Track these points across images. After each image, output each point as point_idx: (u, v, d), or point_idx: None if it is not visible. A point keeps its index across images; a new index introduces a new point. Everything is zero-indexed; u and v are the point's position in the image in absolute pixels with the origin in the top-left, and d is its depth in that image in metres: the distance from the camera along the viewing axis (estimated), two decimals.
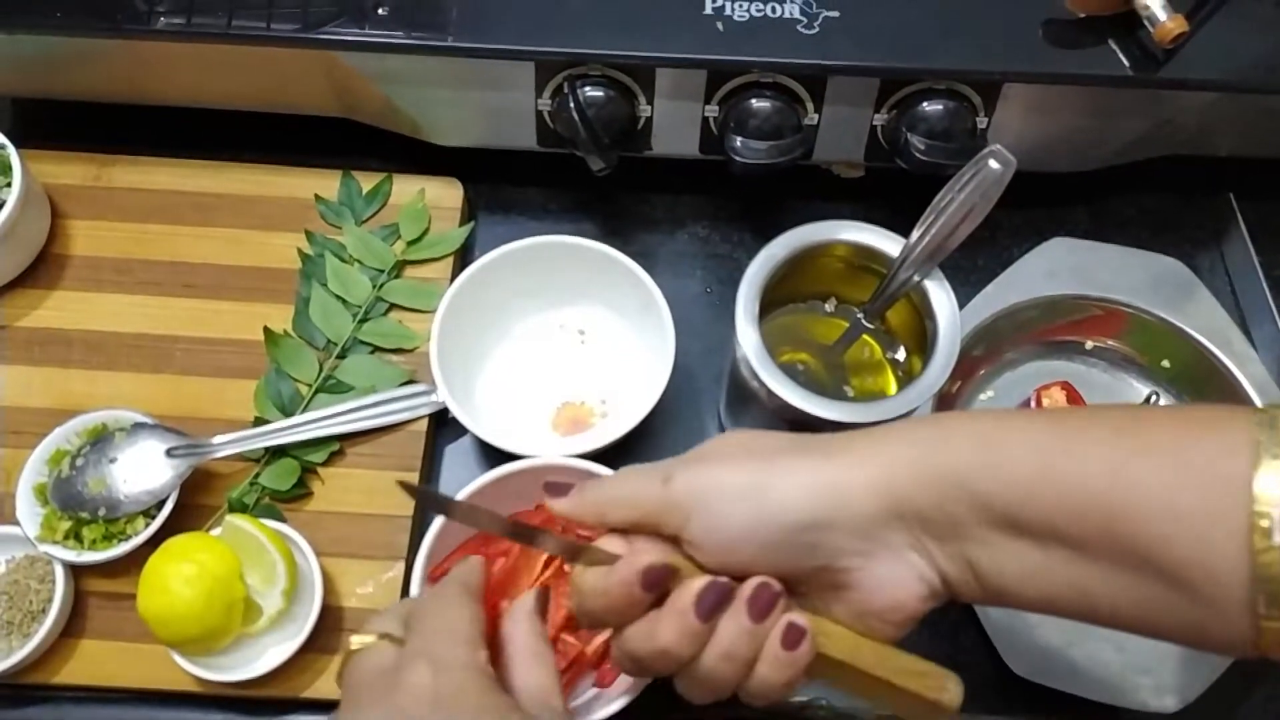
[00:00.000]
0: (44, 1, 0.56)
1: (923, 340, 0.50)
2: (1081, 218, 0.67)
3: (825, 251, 0.51)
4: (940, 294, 0.49)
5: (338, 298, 0.60)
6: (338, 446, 0.57)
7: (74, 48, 0.59)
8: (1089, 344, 0.61)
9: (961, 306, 0.56)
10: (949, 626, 0.55)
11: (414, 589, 0.50)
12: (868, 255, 0.50)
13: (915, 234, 0.49)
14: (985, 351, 0.59)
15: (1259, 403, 0.56)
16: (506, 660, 0.40)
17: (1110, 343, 0.61)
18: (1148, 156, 0.63)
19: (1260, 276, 0.63)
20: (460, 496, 0.51)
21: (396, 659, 0.37)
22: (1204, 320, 0.59)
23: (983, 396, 0.60)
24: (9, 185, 0.58)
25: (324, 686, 0.52)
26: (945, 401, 0.57)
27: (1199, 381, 0.58)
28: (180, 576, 0.48)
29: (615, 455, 0.55)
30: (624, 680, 0.50)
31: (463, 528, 0.53)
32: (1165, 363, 0.60)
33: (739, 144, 0.57)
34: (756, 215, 0.67)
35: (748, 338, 0.49)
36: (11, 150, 0.59)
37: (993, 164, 0.46)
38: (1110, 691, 0.50)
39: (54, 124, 0.66)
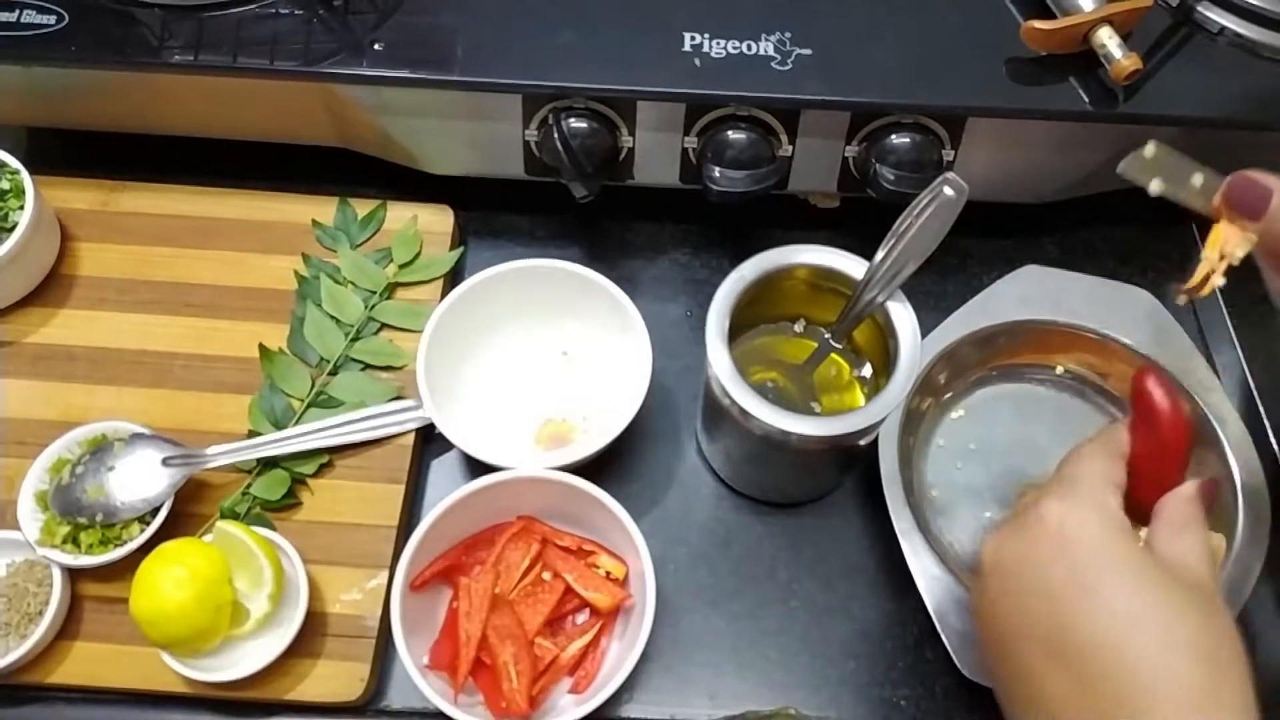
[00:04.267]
0: (60, 36, 0.59)
1: (888, 358, 0.52)
2: (1050, 247, 0.69)
3: (791, 274, 0.53)
4: (902, 313, 0.51)
5: (331, 317, 0.63)
6: (327, 459, 0.59)
7: (87, 80, 0.62)
8: (1059, 369, 0.63)
9: (931, 330, 0.59)
10: (900, 627, 0.57)
11: (395, 597, 0.52)
12: (832, 277, 0.53)
13: (878, 256, 0.51)
14: (952, 373, 0.61)
15: (1219, 431, 0.57)
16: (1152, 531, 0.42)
17: (1078, 369, 0.63)
18: (1113, 188, 0.66)
19: (1222, 305, 0.65)
20: (441, 508, 0.53)
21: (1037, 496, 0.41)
22: (1170, 349, 0.60)
23: (953, 415, 0.61)
24: (22, 209, 0.61)
25: (308, 689, 0.54)
26: (914, 419, 0.59)
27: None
28: (171, 579, 0.50)
29: (594, 470, 0.57)
30: (598, 684, 0.52)
31: (444, 538, 0.55)
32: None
33: (717, 174, 0.60)
34: (736, 243, 0.69)
35: (719, 356, 0.51)
36: (25, 175, 0.62)
37: (948, 190, 0.49)
38: None
39: (65, 151, 0.69)
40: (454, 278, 0.66)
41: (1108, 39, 0.56)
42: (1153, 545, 0.42)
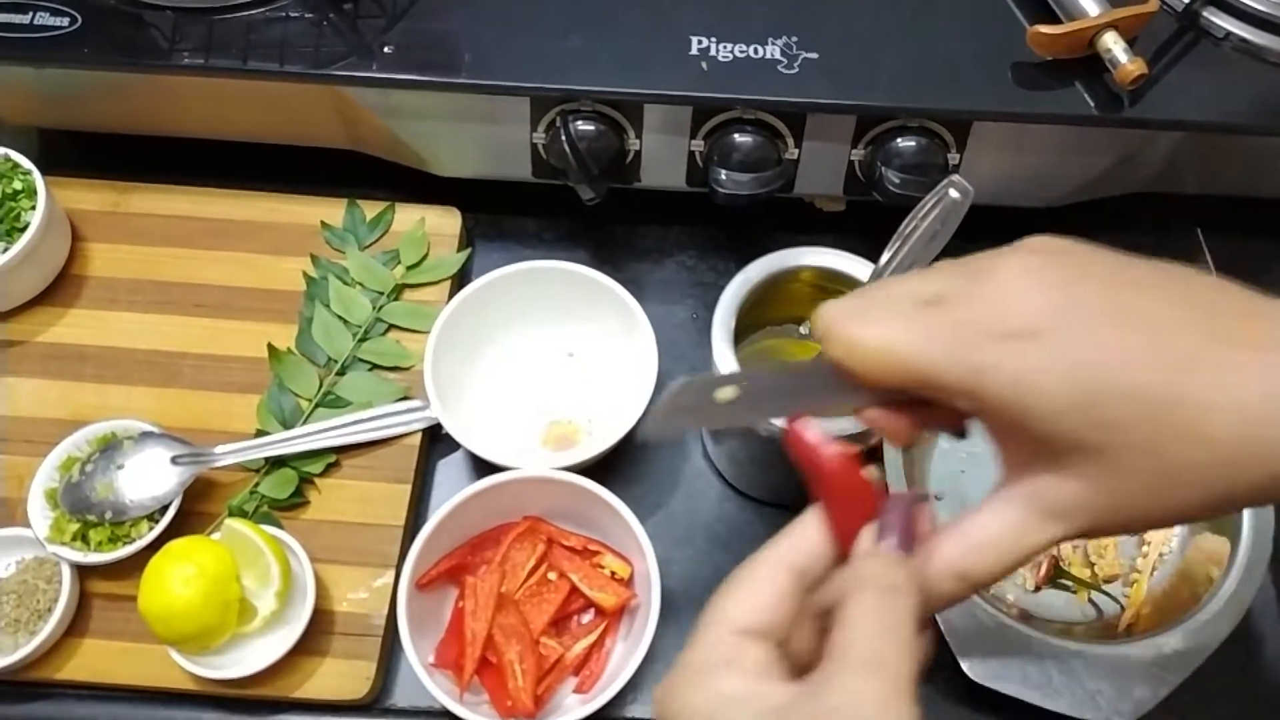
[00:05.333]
0: (72, 38, 0.60)
1: None
2: None
3: (796, 276, 0.53)
4: None
5: (339, 318, 0.63)
6: (334, 458, 0.59)
7: (99, 81, 0.63)
8: None
9: None
10: None
11: (401, 596, 0.52)
12: (836, 279, 0.53)
13: (883, 259, 0.51)
14: None
15: None
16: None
17: None
18: (1117, 193, 0.66)
19: None
20: (448, 507, 0.54)
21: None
22: None
23: None
24: (34, 209, 0.61)
25: (315, 687, 0.54)
26: None
27: None
28: (179, 576, 0.51)
29: (600, 471, 0.57)
30: (603, 684, 0.52)
31: (450, 537, 0.55)
32: None
33: (723, 176, 0.60)
34: (742, 245, 0.69)
35: (724, 358, 0.51)
36: (37, 176, 0.62)
37: (952, 193, 0.49)
38: (1067, 700, 0.51)
39: (77, 153, 0.69)
40: (461, 279, 0.66)
41: (1113, 44, 0.57)
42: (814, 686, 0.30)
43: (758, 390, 0.34)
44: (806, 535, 0.33)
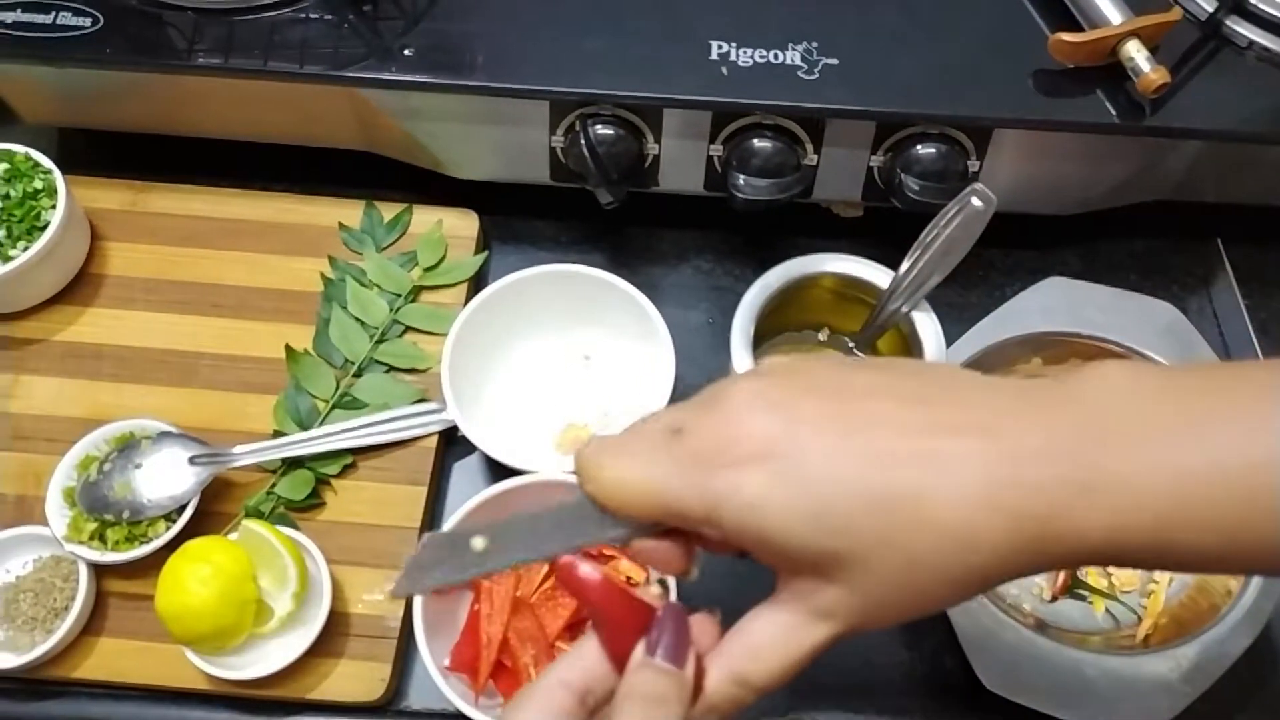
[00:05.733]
0: (95, 38, 0.60)
1: None
2: (1073, 260, 0.69)
3: (817, 282, 0.53)
4: (927, 323, 0.52)
5: (356, 319, 0.63)
6: (351, 460, 0.59)
7: (119, 81, 0.63)
8: None
9: (954, 341, 0.59)
10: (919, 636, 0.57)
11: (417, 599, 0.52)
12: (857, 286, 0.53)
13: (904, 266, 0.51)
14: None
15: None
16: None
17: None
18: (1137, 201, 0.66)
19: (1246, 319, 0.65)
20: (464, 510, 0.54)
21: None
22: (1194, 362, 0.60)
23: None
24: (54, 208, 0.62)
25: (329, 689, 0.54)
26: None
27: None
28: (196, 576, 0.51)
29: None
30: None
31: None
32: None
33: (741, 181, 0.60)
34: (759, 251, 0.69)
35: (743, 363, 0.51)
36: (57, 175, 0.63)
37: (975, 201, 0.49)
38: (1083, 712, 0.51)
39: (95, 152, 0.70)
40: (478, 282, 0.66)
41: (1135, 52, 0.56)
42: None
43: (513, 535, 0.35)
44: (585, 656, 0.34)
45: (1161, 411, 0.32)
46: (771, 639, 0.33)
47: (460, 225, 0.67)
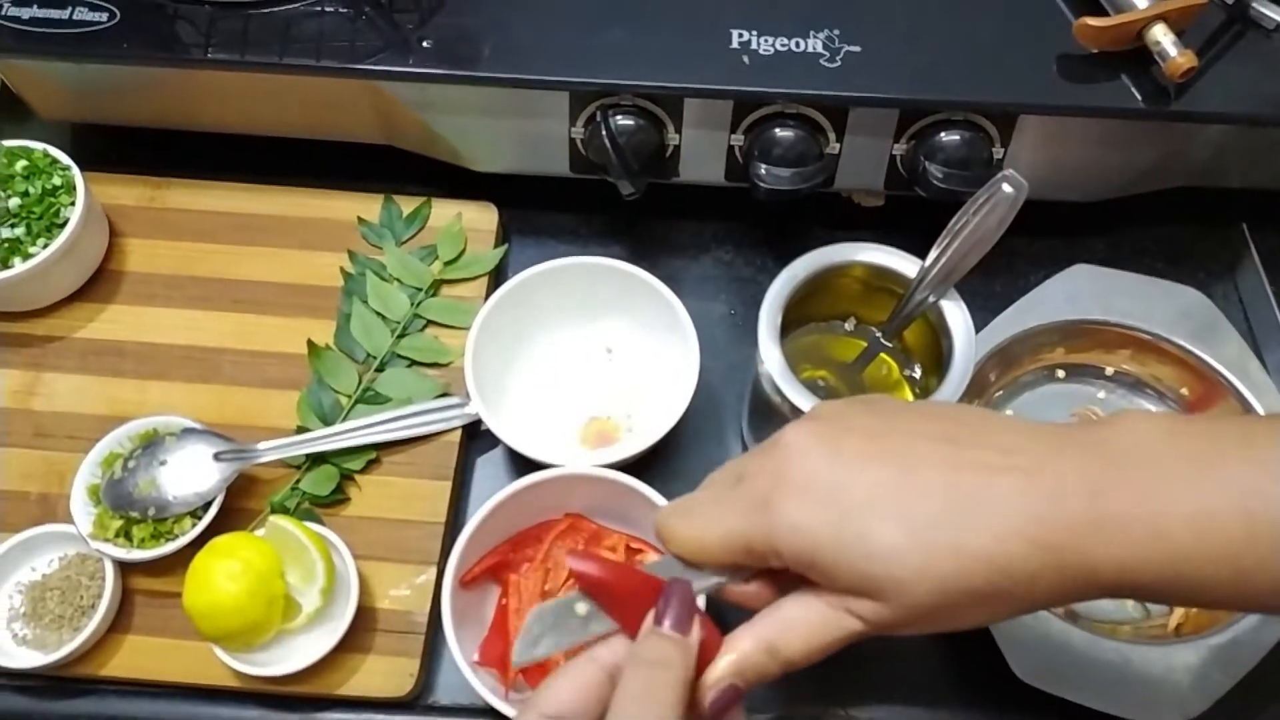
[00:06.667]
0: (112, 33, 0.59)
1: (938, 359, 0.52)
2: (1098, 246, 0.68)
3: (844, 272, 0.53)
4: (956, 313, 0.51)
5: (377, 314, 0.63)
6: (375, 455, 0.59)
7: (135, 76, 0.63)
8: (1109, 369, 0.62)
9: (979, 330, 0.58)
10: (965, 644, 0.56)
11: (445, 593, 0.52)
12: (885, 276, 0.52)
13: (932, 255, 0.51)
14: (1001, 371, 0.60)
15: None
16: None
17: (1130, 369, 0.62)
18: (1162, 187, 0.65)
19: (1274, 305, 0.64)
20: (492, 504, 0.53)
21: None
22: (1224, 350, 0.60)
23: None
24: (73, 204, 0.61)
25: (357, 684, 0.54)
26: None
27: (1218, 411, 0.59)
28: (225, 572, 0.51)
29: (637, 468, 0.57)
30: None
31: (492, 535, 0.55)
32: (1184, 390, 0.61)
33: (763, 171, 0.60)
34: (779, 241, 0.69)
35: (770, 354, 0.51)
36: (76, 172, 0.62)
37: (1006, 188, 0.48)
38: (1116, 702, 0.51)
39: (112, 148, 0.69)
40: (498, 275, 0.66)
41: (1162, 36, 0.56)
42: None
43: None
44: (616, 641, 0.37)
45: (1180, 454, 0.34)
46: (805, 618, 0.36)
47: (480, 218, 0.67)
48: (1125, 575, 0.34)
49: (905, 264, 0.52)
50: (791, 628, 0.36)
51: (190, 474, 0.56)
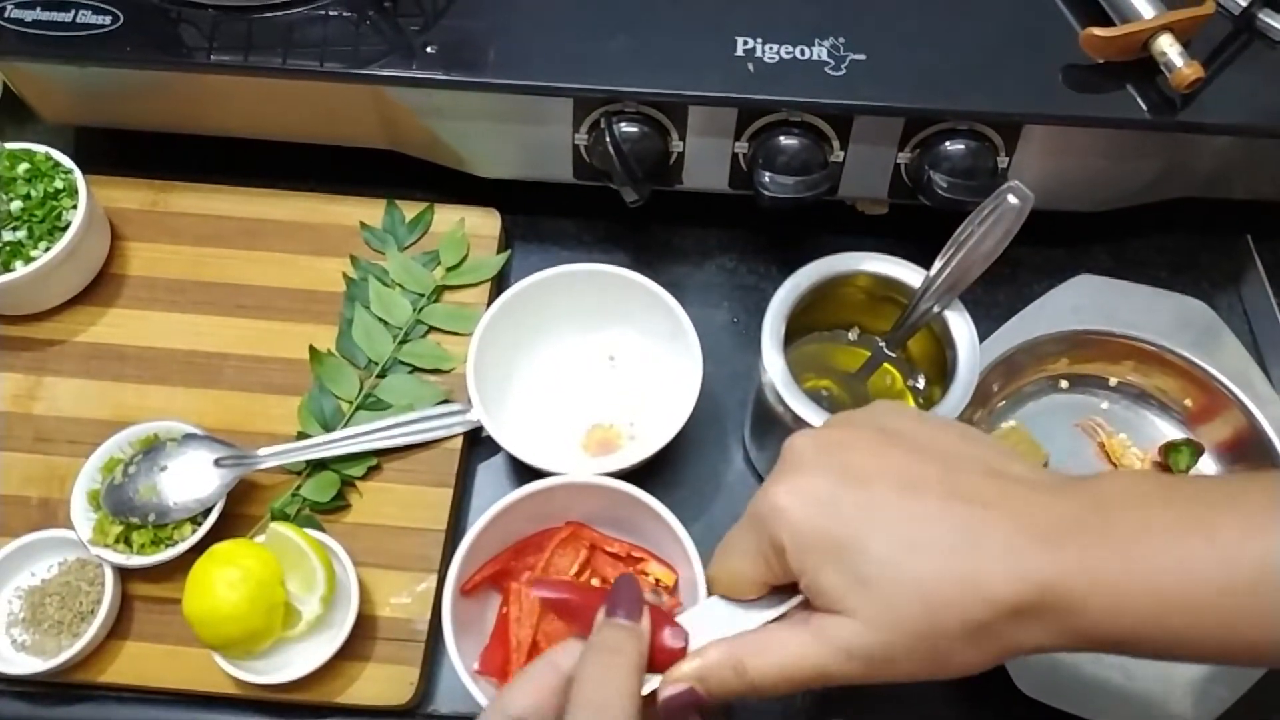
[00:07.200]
0: (115, 36, 0.59)
1: (942, 369, 0.52)
2: (1102, 257, 0.68)
3: (849, 281, 0.52)
4: (960, 324, 0.51)
5: (379, 320, 0.63)
6: (376, 461, 0.59)
7: (139, 80, 0.62)
8: (1113, 380, 0.62)
9: (982, 340, 0.58)
10: None
11: (446, 601, 0.52)
12: (889, 286, 0.52)
13: (936, 266, 0.51)
14: (1005, 382, 0.60)
15: (1278, 443, 0.57)
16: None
17: (1133, 379, 0.62)
18: (1166, 198, 0.65)
19: (1278, 316, 0.64)
20: (493, 512, 0.53)
21: None
22: (1227, 361, 0.60)
23: (1005, 425, 0.61)
24: (75, 208, 0.61)
25: (357, 692, 0.54)
26: None
27: (1221, 422, 0.59)
28: (225, 580, 0.50)
29: (639, 476, 0.57)
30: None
31: (494, 543, 0.54)
32: (1188, 401, 0.61)
33: (767, 179, 0.59)
34: (783, 249, 0.69)
35: (774, 363, 0.51)
36: (78, 175, 0.62)
37: (1011, 199, 0.48)
38: (1119, 717, 0.51)
39: (113, 151, 0.69)
40: (500, 282, 0.66)
41: (1168, 47, 0.56)
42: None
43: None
44: (571, 645, 0.39)
45: (1171, 508, 0.34)
46: (780, 644, 0.36)
47: (482, 224, 0.66)
48: (1112, 621, 0.34)
49: (910, 274, 0.52)
50: (766, 649, 0.37)
51: (191, 480, 0.56)
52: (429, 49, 0.59)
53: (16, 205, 0.60)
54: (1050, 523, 0.34)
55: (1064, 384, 0.62)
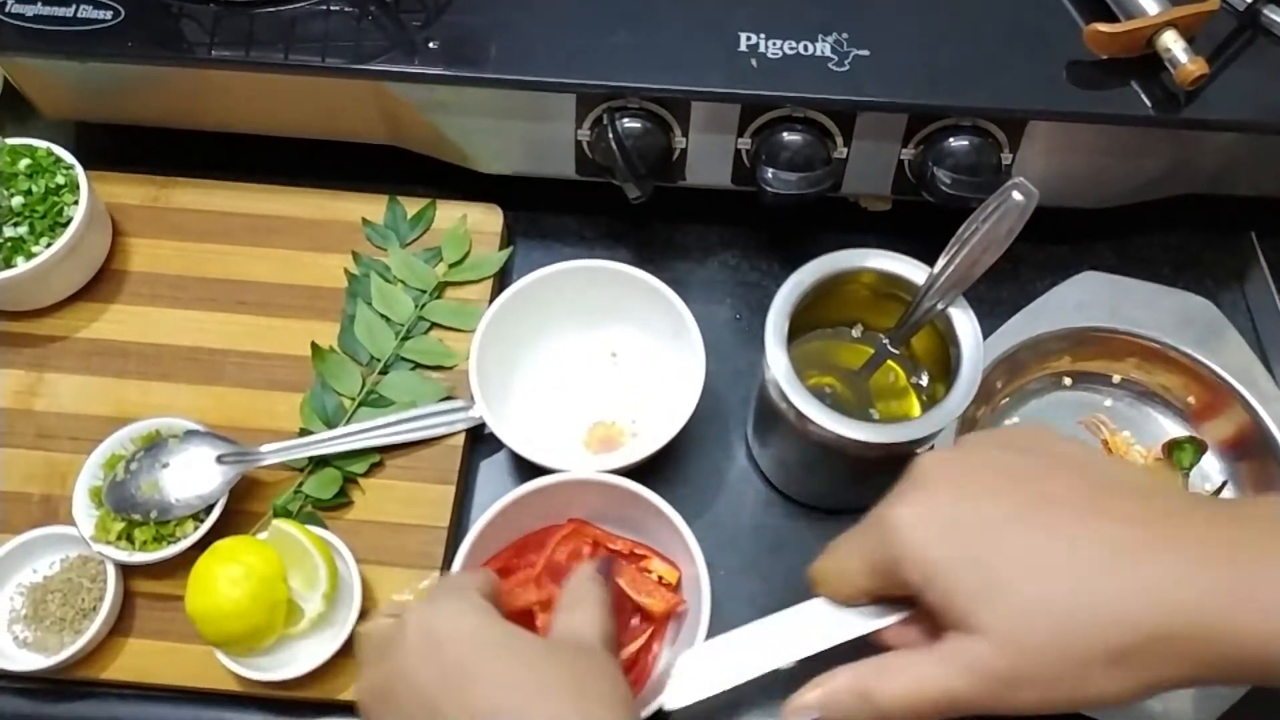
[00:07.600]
0: (116, 31, 0.59)
1: (946, 366, 0.52)
2: (1105, 254, 0.68)
3: (852, 279, 0.52)
4: (964, 321, 0.51)
5: (382, 316, 0.63)
6: (378, 458, 0.59)
7: (139, 75, 0.62)
8: (1116, 377, 0.62)
9: (986, 336, 0.58)
10: None
11: None
12: (894, 283, 0.52)
13: (940, 263, 0.50)
14: (1008, 379, 0.60)
15: None
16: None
17: (1137, 377, 0.62)
18: (1170, 195, 0.65)
19: None
20: (496, 509, 0.53)
21: (398, 621, 0.40)
22: (1231, 359, 0.59)
23: (1008, 422, 0.61)
24: (76, 203, 0.61)
25: None
26: (968, 426, 0.58)
27: (1224, 419, 0.59)
28: (227, 577, 0.50)
29: (644, 473, 0.57)
30: (650, 690, 0.52)
31: (496, 540, 0.54)
32: (1191, 399, 0.61)
33: (770, 175, 0.59)
34: (785, 246, 0.69)
35: (777, 360, 0.50)
36: (80, 171, 0.62)
37: (1016, 195, 0.48)
38: (1120, 717, 0.51)
39: (116, 147, 0.69)
40: (502, 278, 0.65)
41: (1173, 43, 0.55)
42: (552, 627, 0.43)
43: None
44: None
45: None
46: (904, 667, 0.36)
47: (484, 220, 0.66)
48: (1260, 646, 0.32)
49: (914, 271, 0.52)
50: (890, 673, 0.36)
51: (193, 476, 0.55)
52: (431, 44, 0.59)
53: (18, 201, 0.60)
54: (1201, 544, 0.33)
55: (1067, 381, 0.62)
